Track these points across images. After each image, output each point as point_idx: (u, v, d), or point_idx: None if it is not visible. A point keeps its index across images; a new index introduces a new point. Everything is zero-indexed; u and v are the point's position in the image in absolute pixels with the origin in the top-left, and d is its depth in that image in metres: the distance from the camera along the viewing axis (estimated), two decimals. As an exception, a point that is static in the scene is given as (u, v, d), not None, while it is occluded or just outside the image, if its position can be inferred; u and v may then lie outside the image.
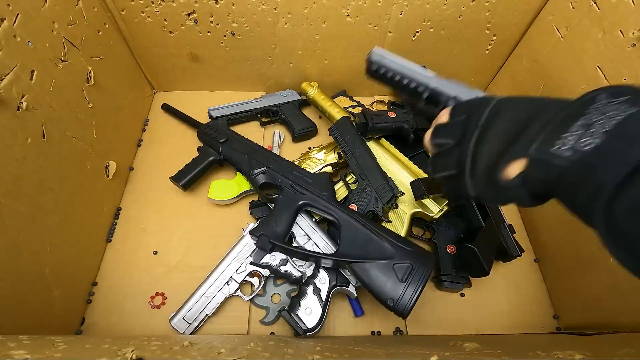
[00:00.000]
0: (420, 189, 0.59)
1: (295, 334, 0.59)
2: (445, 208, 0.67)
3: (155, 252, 0.70)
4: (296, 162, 0.75)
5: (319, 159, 0.76)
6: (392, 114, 0.74)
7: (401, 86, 0.63)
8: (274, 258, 0.63)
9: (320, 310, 0.59)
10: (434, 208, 0.67)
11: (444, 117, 0.42)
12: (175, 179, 0.73)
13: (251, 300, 0.65)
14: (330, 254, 0.61)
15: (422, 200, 0.67)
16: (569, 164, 0.26)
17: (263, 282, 0.65)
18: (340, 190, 0.71)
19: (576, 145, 0.25)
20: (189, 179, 0.73)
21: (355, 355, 0.47)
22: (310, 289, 0.60)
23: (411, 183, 0.61)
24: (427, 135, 0.43)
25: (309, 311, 0.58)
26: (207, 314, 0.62)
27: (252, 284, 0.66)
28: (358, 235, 0.60)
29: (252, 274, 0.65)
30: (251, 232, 0.64)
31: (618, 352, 0.40)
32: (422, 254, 0.57)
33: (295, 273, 0.63)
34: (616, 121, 0.24)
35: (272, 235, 0.62)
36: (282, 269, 0.63)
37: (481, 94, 0.59)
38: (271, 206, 0.71)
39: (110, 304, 0.65)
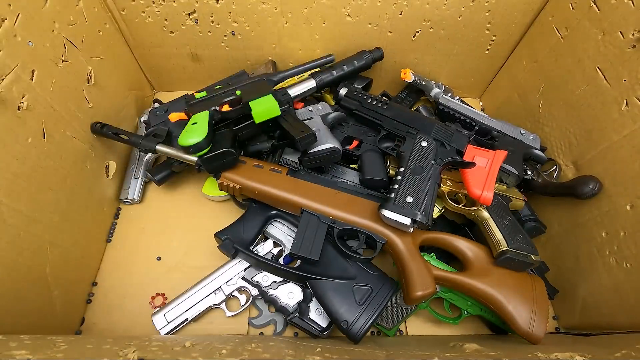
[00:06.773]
0: None
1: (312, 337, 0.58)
2: (443, 210, 0.67)
3: (158, 258, 0.69)
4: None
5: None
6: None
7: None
8: (267, 279, 0.62)
9: None
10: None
11: None
12: (151, 172, 0.71)
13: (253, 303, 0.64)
14: (293, 267, 0.60)
15: None
16: None
17: (250, 301, 0.63)
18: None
19: None
20: (165, 175, 0.71)
21: (356, 355, 0.47)
22: None
23: None
24: None
25: (320, 311, 0.58)
26: (187, 318, 0.61)
27: (239, 301, 0.64)
28: (323, 252, 0.58)
29: (240, 290, 0.64)
30: (216, 234, 0.62)
31: (617, 353, 0.41)
32: (384, 280, 0.57)
33: (283, 301, 0.60)
34: None
35: (237, 241, 0.61)
36: (270, 292, 0.61)
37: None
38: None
39: (110, 304, 0.65)
